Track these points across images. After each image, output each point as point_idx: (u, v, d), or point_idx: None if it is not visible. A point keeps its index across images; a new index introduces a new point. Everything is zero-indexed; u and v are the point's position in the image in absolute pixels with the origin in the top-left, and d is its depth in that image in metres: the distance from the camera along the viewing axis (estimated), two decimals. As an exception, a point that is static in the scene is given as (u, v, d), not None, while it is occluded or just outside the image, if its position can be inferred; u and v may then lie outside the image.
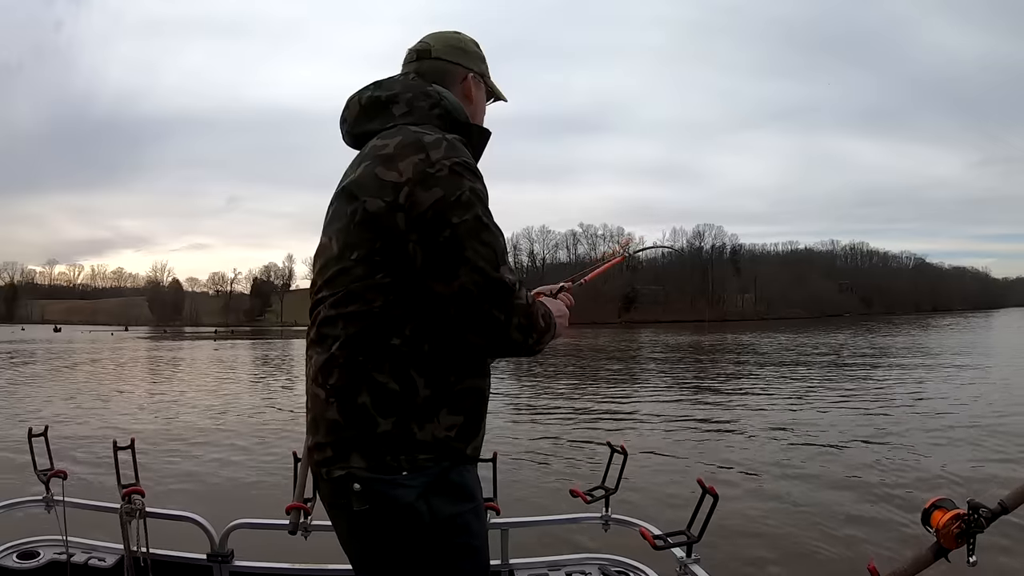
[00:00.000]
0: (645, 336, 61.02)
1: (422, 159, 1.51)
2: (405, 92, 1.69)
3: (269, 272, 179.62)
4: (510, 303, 1.52)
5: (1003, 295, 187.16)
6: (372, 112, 1.70)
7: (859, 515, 6.57)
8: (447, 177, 1.50)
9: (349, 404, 1.51)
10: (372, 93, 1.72)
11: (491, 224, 1.54)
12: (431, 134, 1.56)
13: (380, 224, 1.51)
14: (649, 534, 2.17)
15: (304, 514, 2.43)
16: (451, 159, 1.52)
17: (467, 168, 1.54)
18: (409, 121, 1.64)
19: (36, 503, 2.82)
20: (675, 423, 12.59)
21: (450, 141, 1.56)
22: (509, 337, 1.54)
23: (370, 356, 1.51)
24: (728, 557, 5.32)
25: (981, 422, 11.68)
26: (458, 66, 1.80)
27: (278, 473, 7.86)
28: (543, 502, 6.94)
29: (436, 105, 1.68)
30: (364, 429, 1.50)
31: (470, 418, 1.59)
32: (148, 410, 15.40)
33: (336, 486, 1.53)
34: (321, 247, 1.65)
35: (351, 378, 1.52)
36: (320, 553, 2.69)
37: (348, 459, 1.51)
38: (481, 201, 1.53)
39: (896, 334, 52.05)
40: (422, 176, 1.49)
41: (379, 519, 1.50)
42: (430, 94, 1.69)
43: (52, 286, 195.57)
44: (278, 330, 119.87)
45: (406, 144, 1.54)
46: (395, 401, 1.50)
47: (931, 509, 1.58)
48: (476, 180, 1.55)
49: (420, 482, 1.49)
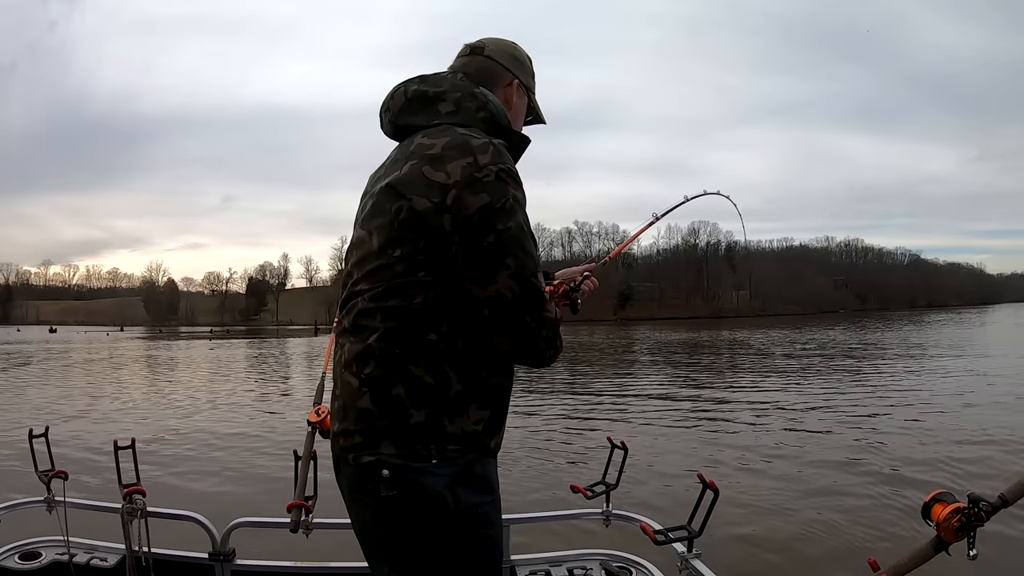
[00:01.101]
0: (641, 333, 61.04)
1: (470, 163, 1.53)
2: (453, 91, 1.70)
3: (264, 271, 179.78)
4: (541, 313, 1.58)
5: (998, 291, 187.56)
6: (417, 106, 1.71)
7: (859, 509, 6.57)
8: (494, 183, 1.53)
9: (383, 394, 1.54)
10: (419, 87, 1.72)
11: (530, 233, 1.59)
12: (478, 137, 1.58)
13: (426, 224, 1.53)
14: (650, 529, 2.18)
15: (305, 512, 2.45)
16: (498, 165, 1.54)
17: (511, 175, 1.57)
18: (455, 121, 1.65)
19: (37, 504, 2.83)
20: (675, 419, 12.59)
21: (496, 146, 1.58)
22: (535, 345, 1.61)
23: (407, 350, 1.54)
24: (729, 552, 5.31)
25: (980, 416, 11.68)
26: (507, 71, 1.82)
27: (279, 472, 7.85)
28: (544, 498, 6.93)
29: (482, 108, 1.70)
30: (397, 419, 1.53)
31: (496, 413, 1.64)
32: (148, 410, 15.34)
33: (363, 472, 1.55)
34: (358, 240, 1.66)
35: (387, 369, 1.54)
36: (322, 551, 2.70)
37: (379, 446, 1.53)
38: (523, 209, 1.58)
39: (891, 330, 52.12)
40: (470, 180, 1.52)
41: (406, 505, 1.52)
42: (477, 96, 1.71)
43: (47, 287, 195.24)
44: (274, 329, 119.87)
45: (454, 146, 1.56)
46: (429, 394, 1.53)
47: (931, 503, 1.59)
48: (519, 188, 1.58)
49: (449, 471, 1.52)
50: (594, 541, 2.85)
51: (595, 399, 15.58)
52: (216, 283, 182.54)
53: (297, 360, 35.57)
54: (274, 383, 22.58)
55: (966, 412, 12.27)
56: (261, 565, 2.69)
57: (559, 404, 14.67)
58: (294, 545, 2.62)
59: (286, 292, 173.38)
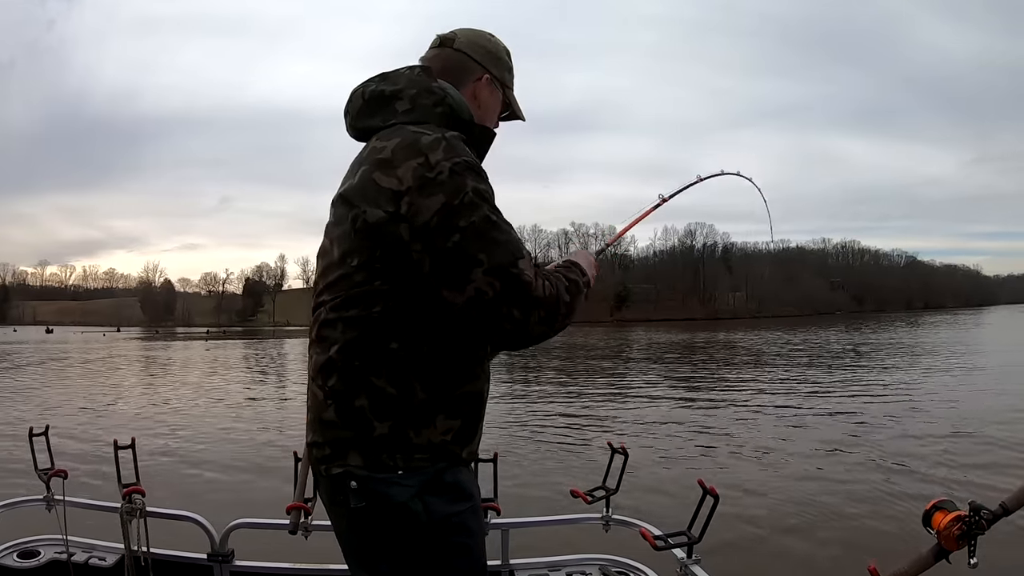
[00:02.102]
0: (638, 334, 61.04)
1: (421, 163, 1.47)
2: (410, 88, 1.65)
3: (261, 272, 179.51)
4: (528, 299, 1.48)
5: (994, 293, 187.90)
6: (375, 107, 1.67)
7: (859, 516, 6.57)
8: (448, 180, 1.46)
9: (346, 406, 1.52)
10: (376, 87, 1.67)
11: (500, 221, 1.50)
12: (429, 134, 1.52)
13: (380, 233, 1.49)
14: (650, 535, 2.18)
15: (304, 514, 2.43)
16: (451, 159, 1.48)
17: (468, 167, 1.49)
18: (411, 119, 1.60)
19: (37, 502, 2.83)
20: (674, 423, 12.58)
21: (449, 140, 1.51)
22: (529, 332, 1.51)
23: (368, 361, 1.51)
24: (729, 558, 5.31)
25: (980, 421, 11.69)
26: (477, 64, 1.75)
27: (278, 473, 7.84)
28: (544, 502, 6.94)
29: (440, 102, 1.64)
30: (361, 431, 1.51)
31: (467, 422, 1.60)
32: (147, 410, 15.34)
33: (334, 483, 1.54)
34: (323, 249, 1.64)
35: (349, 381, 1.52)
36: (320, 553, 2.69)
37: (346, 457, 1.52)
38: (486, 200, 1.49)
39: (889, 331, 52.12)
40: (422, 182, 1.46)
41: (376, 516, 1.51)
42: (434, 90, 1.65)
43: (44, 287, 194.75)
44: (270, 330, 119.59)
45: (404, 147, 1.51)
46: (392, 405, 1.50)
47: (932, 510, 1.58)
48: (479, 179, 1.50)
49: (415, 481, 1.50)
50: (594, 546, 2.84)
51: (594, 402, 15.57)
52: (213, 284, 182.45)
53: (295, 361, 35.50)
54: (272, 384, 22.58)
55: (968, 417, 12.24)
56: (260, 566, 2.69)
57: (558, 407, 14.64)
58: (293, 546, 2.62)
59: (283, 293, 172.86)
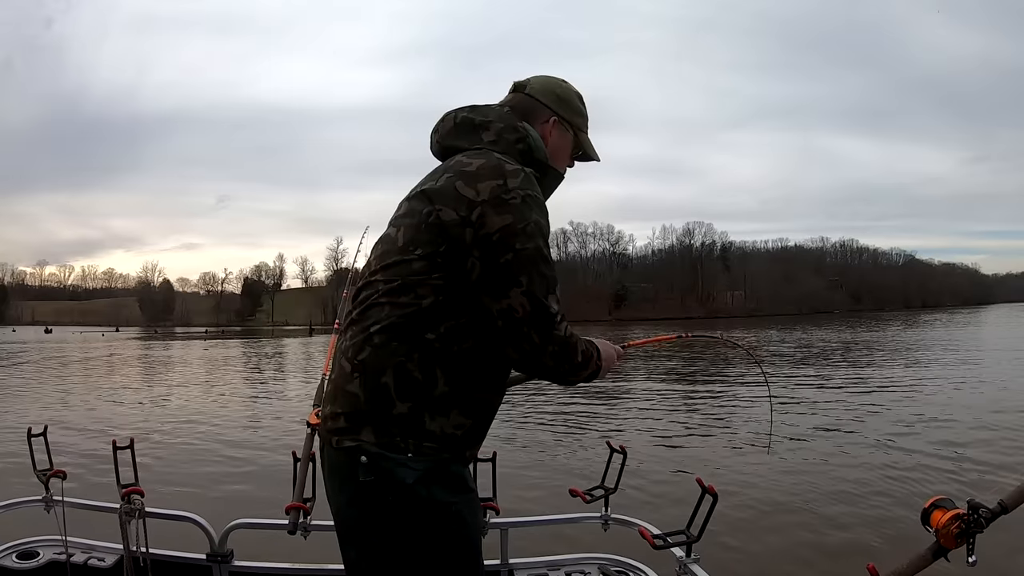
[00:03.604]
0: (636, 333, 61.07)
1: (500, 184, 1.63)
2: (497, 122, 1.82)
3: (260, 272, 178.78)
4: (549, 331, 1.63)
5: (993, 291, 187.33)
6: (463, 131, 1.83)
7: (858, 515, 6.56)
8: (519, 206, 1.62)
9: (372, 381, 1.62)
10: (467, 115, 1.85)
11: (549, 258, 1.66)
12: (512, 164, 1.69)
13: (449, 233, 1.63)
14: (649, 534, 2.19)
15: (303, 514, 2.45)
16: (526, 191, 1.64)
17: (537, 202, 1.67)
18: (495, 148, 1.77)
19: (35, 503, 2.83)
20: (673, 423, 12.59)
21: (527, 174, 1.68)
22: (542, 361, 1.66)
23: (404, 344, 1.62)
24: (727, 557, 5.32)
25: (980, 420, 11.69)
26: (546, 108, 1.91)
27: (277, 473, 7.83)
28: (543, 502, 6.93)
29: (522, 140, 1.81)
30: (381, 407, 1.60)
31: (477, 424, 1.71)
32: (146, 410, 15.33)
33: (344, 455, 1.63)
34: (385, 236, 1.76)
35: (380, 358, 1.62)
36: (320, 553, 2.69)
37: (360, 432, 1.61)
38: (543, 235, 1.65)
39: (886, 329, 52.17)
40: (497, 200, 1.61)
41: (381, 493, 1.59)
42: (518, 129, 1.82)
43: (42, 287, 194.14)
44: (269, 329, 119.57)
45: (489, 167, 1.66)
46: (415, 388, 1.60)
47: (931, 509, 1.60)
48: (543, 216, 1.67)
49: (421, 466, 1.58)
50: (593, 545, 2.85)
51: (592, 401, 15.55)
52: (211, 283, 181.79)
53: (293, 360, 35.53)
54: (271, 384, 22.57)
55: (967, 415, 12.25)
56: (259, 567, 2.70)
57: (556, 406, 14.64)
58: (292, 546, 2.63)
59: (281, 293, 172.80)
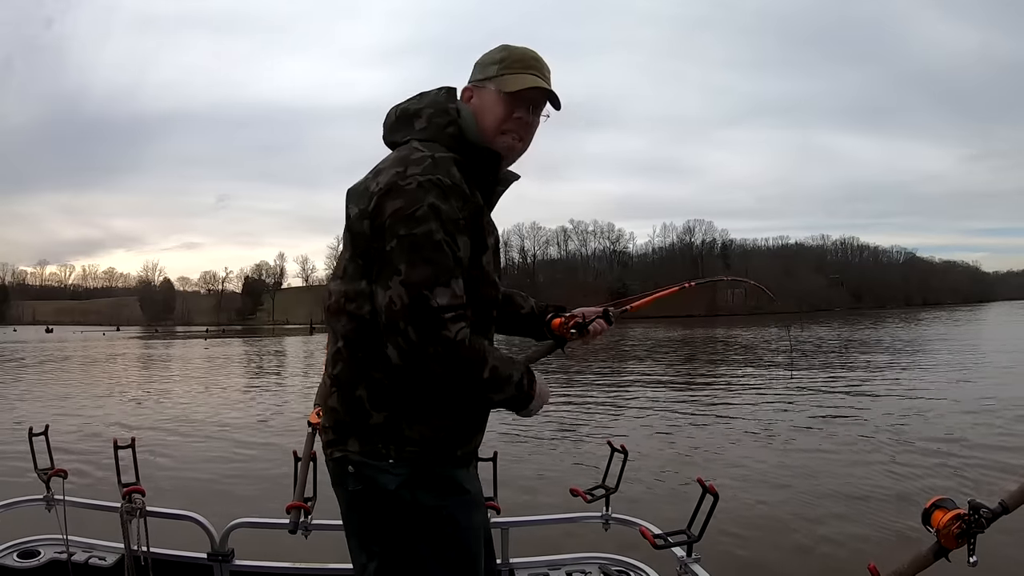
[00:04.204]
0: (637, 331, 61.01)
1: (399, 172, 1.56)
2: (428, 108, 1.74)
3: (260, 271, 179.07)
4: (429, 328, 1.48)
5: (993, 289, 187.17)
6: (401, 123, 1.76)
7: (859, 515, 6.55)
8: (413, 190, 1.53)
9: (347, 395, 1.62)
10: (406, 106, 1.78)
11: (443, 243, 1.51)
12: (422, 151, 1.61)
13: (354, 230, 1.63)
14: (649, 533, 2.18)
15: (304, 513, 2.46)
16: (426, 175, 1.54)
17: (436, 185, 1.54)
18: (424, 136, 1.70)
19: (37, 502, 2.84)
20: (674, 422, 12.57)
21: (436, 159, 1.59)
22: (428, 365, 1.50)
23: (368, 353, 1.60)
24: (728, 557, 5.30)
25: (981, 419, 11.66)
26: (467, 85, 1.80)
27: (278, 472, 7.83)
28: (543, 501, 6.93)
29: (452, 124, 1.71)
30: (359, 419, 1.61)
31: (462, 423, 1.67)
32: (147, 409, 15.32)
33: (336, 466, 1.66)
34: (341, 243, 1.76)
35: (351, 371, 1.62)
36: (320, 552, 2.70)
37: (346, 443, 1.63)
38: (439, 219, 1.52)
39: (887, 327, 52.14)
40: (391, 187, 1.55)
41: (369, 500, 1.61)
42: (449, 111, 1.73)
43: (43, 287, 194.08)
44: (269, 328, 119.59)
45: (396, 159, 1.62)
46: (388, 397, 1.59)
47: (932, 509, 1.59)
48: (443, 199, 1.53)
49: (403, 472, 1.58)
50: (593, 545, 2.85)
51: (593, 400, 15.55)
52: (212, 283, 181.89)
53: (294, 359, 35.53)
54: (272, 382, 22.56)
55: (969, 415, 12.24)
56: (260, 566, 2.70)
57: (557, 405, 14.63)
58: (293, 546, 2.63)
59: (282, 291, 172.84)
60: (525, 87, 1.72)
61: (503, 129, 1.74)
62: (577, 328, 2.00)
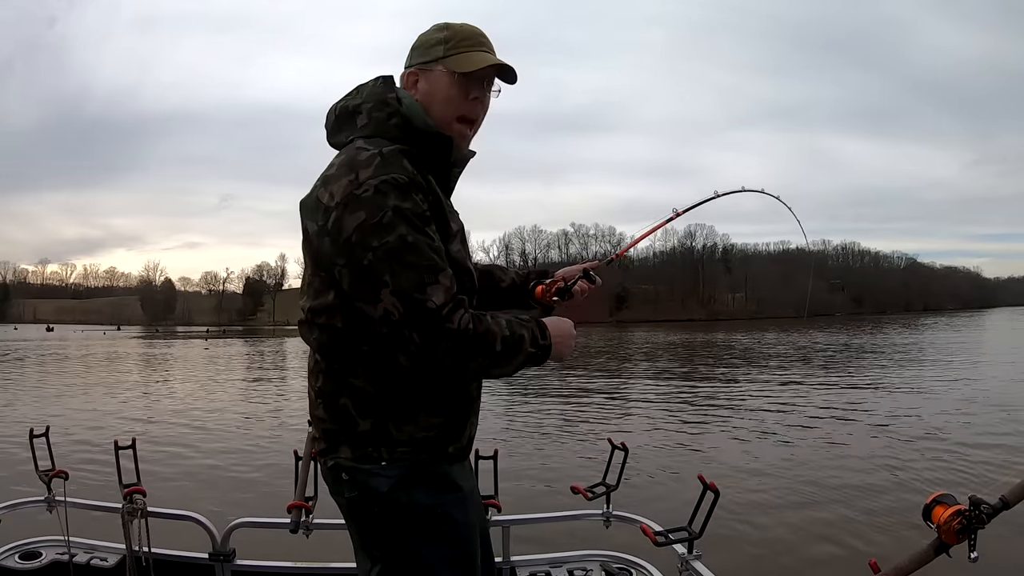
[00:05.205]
0: (637, 335, 60.99)
1: (351, 180, 1.51)
2: (367, 102, 1.67)
3: (262, 271, 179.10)
4: (433, 327, 1.47)
5: (994, 295, 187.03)
6: (342, 122, 1.71)
7: (860, 510, 6.56)
8: (371, 198, 1.48)
9: (332, 405, 1.63)
10: (344, 103, 1.72)
11: (418, 242, 1.49)
12: (368, 149, 1.56)
13: (313, 246, 1.58)
14: (650, 530, 2.18)
15: (305, 512, 2.45)
16: (379, 177, 1.49)
17: (394, 186, 1.49)
18: (367, 133, 1.64)
19: (38, 503, 2.83)
20: (674, 420, 12.60)
21: (385, 156, 1.53)
22: (440, 362, 1.51)
23: (344, 363, 1.60)
24: (729, 553, 5.32)
25: (981, 419, 11.70)
26: (407, 70, 1.73)
27: (279, 472, 7.84)
28: (544, 499, 6.95)
29: (394, 115, 1.65)
30: (347, 427, 1.61)
31: (452, 419, 1.66)
32: (148, 409, 15.31)
33: (331, 474, 1.66)
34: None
35: (332, 382, 1.63)
36: (321, 552, 2.70)
37: (338, 451, 1.63)
38: (406, 220, 1.48)
39: (888, 332, 52.08)
40: (349, 199, 1.49)
41: (366, 505, 1.60)
42: (388, 102, 1.66)
43: (44, 285, 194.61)
44: (270, 329, 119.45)
45: (343, 163, 1.56)
46: (372, 403, 1.59)
47: (932, 505, 1.59)
48: (403, 198, 1.49)
49: (396, 473, 1.58)
50: (594, 542, 2.84)
51: (594, 400, 15.56)
52: (213, 283, 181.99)
53: (294, 359, 35.47)
54: (272, 382, 22.52)
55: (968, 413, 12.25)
56: (261, 565, 2.70)
57: (558, 404, 14.65)
58: (294, 545, 2.63)
59: (283, 292, 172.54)
60: (482, 65, 1.66)
61: (459, 112, 1.70)
62: (559, 294, 2.00)
